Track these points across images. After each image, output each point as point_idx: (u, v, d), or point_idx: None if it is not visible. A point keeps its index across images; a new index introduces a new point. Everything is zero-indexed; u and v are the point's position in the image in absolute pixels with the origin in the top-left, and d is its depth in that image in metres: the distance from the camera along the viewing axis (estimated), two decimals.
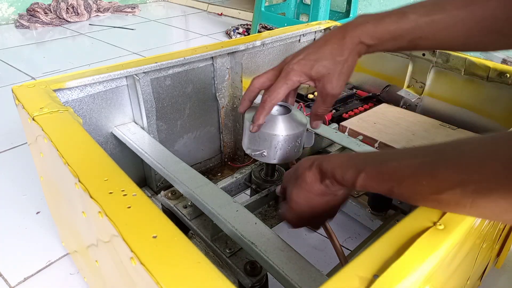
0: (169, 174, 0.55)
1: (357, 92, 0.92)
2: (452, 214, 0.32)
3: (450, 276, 0.37)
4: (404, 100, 0.86)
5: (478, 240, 0.41)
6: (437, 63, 0.78)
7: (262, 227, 0.45)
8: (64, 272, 0.67)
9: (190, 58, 0.68)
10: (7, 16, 2.17)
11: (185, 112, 0.75)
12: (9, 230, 0.75)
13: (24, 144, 1.03)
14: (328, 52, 0.45)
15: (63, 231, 0.65)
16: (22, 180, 0.89)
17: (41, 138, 0.45)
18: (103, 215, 0.32)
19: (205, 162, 0.84)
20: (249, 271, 0.45)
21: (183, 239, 0.29)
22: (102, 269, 0.43)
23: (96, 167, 0.38)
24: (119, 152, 0.70)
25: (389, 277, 0.26)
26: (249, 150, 0.54)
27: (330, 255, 0.47)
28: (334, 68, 0.46)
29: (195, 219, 0.54)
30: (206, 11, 2.57)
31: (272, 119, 0.51)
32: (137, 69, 0.63)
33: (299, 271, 0.40)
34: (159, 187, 0.75)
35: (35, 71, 1.52)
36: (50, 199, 0.63)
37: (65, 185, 0.43)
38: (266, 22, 1.75)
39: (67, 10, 2.20)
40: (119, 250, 0.31)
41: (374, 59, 0.89)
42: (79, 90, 0.60)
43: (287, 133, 0.51)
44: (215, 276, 0.26)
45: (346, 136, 0.68)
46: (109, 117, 0.66)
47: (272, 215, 0.57)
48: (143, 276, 0.27)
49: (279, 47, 0.86)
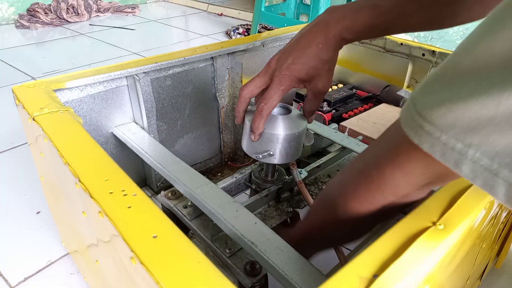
0: (169, 174, 0.55)
1: (357, 92, 0.92)
2: (452, 214, 0.32)
3: (450, 276, 0.37)
4: (404, 100, 0.86)
5: (478, 240, 0.41)
6: (436, 63, 0.78)
7: (262, 227, 0.45)
8: (64, 272, 0.67)
9: (190, 58, 0.68)
10: (7, 16, 2.17)
11: (185, 112, 0.75)
12: (9, 230, 0.75)
13: (24, 144, 1.03)
14: (314, 53, 0.46)
15: (63, 231, 0.65)
16: (22, 180, 0.89)
17: (41, 138, 0.45)
18: (103, 215, 0.32)
19: (205, 162, 0.84)
20: (249, 271, 0.45)
21: (183, 239, 0.29)
22: (102, 269, 0.43)
23: (96, 167, 0.38)
24: (119, 152, 0.70)
25: (389, 277, 0.26)
26: (252, 153, 0.54)
27: (330, 255, 0.47)
28: (323, 67, 0.47)
29: (195, 219, 0.54)
30: (206, 11, 2.58)
31: (273, 120, 0.51)
32: (137, 69, 0.63)
33: (299, 271, 0.40)
34: (159, 187, 0.75)
35: (36, 71, 1.52)
36: (50, 199, 0.63)
37: (65, 185, 0.43)
38: (266, 22, 1.75)
39: (67, 10, 2.20)
40: (119, 250, 0.31)
41: (374, 59, 0.89)
42: (79, 90, 0.60)
43: (288, 132, 0.51)
44: (215, 276, 0.26)
45: (346, 136, 0.69)
46: (109, 117, 0.66)
47: (272, 215, 0.57)
48: (143, 276, 0.27)
49: (279, 47, 0.86)
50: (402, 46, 0.83)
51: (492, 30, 0.20)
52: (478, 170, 0.21)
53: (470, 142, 0.21)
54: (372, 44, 0.88)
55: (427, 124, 0.23)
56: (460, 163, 0.22)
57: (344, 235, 0.40)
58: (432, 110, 0.23)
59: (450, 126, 0.22)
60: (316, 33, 0.46)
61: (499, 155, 0.20)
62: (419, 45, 0.80)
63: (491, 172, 0.21)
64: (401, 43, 0.83)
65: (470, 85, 0.21)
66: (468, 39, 0.22)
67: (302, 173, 0.60)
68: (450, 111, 0.22)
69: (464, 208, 0.33)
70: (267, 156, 0.53)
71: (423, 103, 0.24)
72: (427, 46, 0.80)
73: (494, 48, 0.20)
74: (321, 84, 0.48)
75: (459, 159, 0.22)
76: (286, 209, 0.58)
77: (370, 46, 0.88)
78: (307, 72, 0.46)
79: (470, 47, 0.21)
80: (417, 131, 0.24)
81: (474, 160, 0.21)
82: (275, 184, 0.59)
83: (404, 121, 0.25)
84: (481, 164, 0.21)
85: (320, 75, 0.47)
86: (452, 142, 0.22)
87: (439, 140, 0.22)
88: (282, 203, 0.59)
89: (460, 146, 0.22)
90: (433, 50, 0.78)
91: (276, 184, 0.59)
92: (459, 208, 0.32)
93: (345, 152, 0.69)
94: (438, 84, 0.23)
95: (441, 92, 0.23)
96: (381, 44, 0.86)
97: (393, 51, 0.85)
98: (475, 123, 0.21)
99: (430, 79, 0.24)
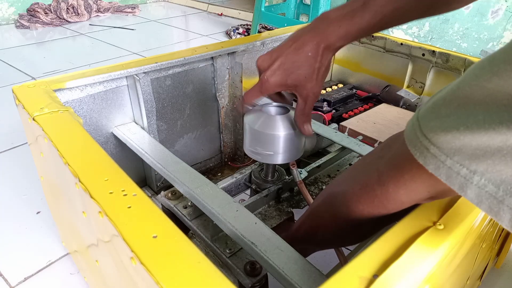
0: (169, 174, 0.55)
1: (357, 92, 0.93)
2: (452, 214, 0.32)
3: (450, 276, 0.37)
4: (403, 100, 0.86)
5: (478, 240, 0.41)
6: (436, 63, 0.78)
7: (262, 227, 0.45)
8: (64, 272, 0.67)
9: (190, 58, 0.68)
10: (8, 16, 2.17)
11: (185, 112, 0.75)
12: (9, 230, 0.75)
13: (24, 144, 1.03)
14: (303, 60, 0.45)
15: (63, 231, 0.65)
16: (22, 180, 0.89)
17: (41, 138, 0.45)
18: (103, 215, 0.32)
19: (205, 162, 0.84)
20: (249, 271, 0.45)
21: (183, 239, 0.29)
22: (102, 269, 0.43)
23: (96, 167, 0.38)
24: (119, 152, 0.70)
25: (389, 277, 0.26)
26: (249, 150, 0.54)
27: (330, 255, 0.47)
28: (311, 74, 0.46)
29: (195, 219, 0.54)
30: (206, 11, 2.58)
31: (271, 119, 0.51)
32: (137, 69, 0.63)
33: (299, 271, 0.40)
34: (159, 187, 0.75)
35: (36, 71, 1.52)
36: (50, 199, 0.63)
37: (65, 185, 0.43)
38: (266, 22, 1.75)
39: (67, 10, 2.20)
40: (119, 250, 0.31)
41: (374, 59, 0.89)
42: (80, 90, 0.60)
43: (287, 131, 0.51)
44: (215, 276, 0.26)
45: (346, 136, 0.69)
46: (109, 117, 0.66)
47: (272, 215, 0.57)
48: (143, 276, 0.27)
49: None
50: (402, 46, 0.83)
51: (506, 69, 0.21)
52: (484, 195, 0.22)
53: (475, 169, 0.22)
54: (372, 44, 0.88)
55: (433, 146, 0.23)
56: (465, 187, 0.22)
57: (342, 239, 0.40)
58: (438, 135, 0.23)
59: (455, 151, 0.22)
60: (308, 42, 0.45)
61: (504, 183, 0.21)
62: (419, 45, 0.80)
63: (497, 198, 0.21)
64: (401, 43, 0.83)
65: (478, 116, 0.21)
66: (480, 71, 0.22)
67: (302, 173, 0.60)
68: (456, 138, 0.22)
69: (464, 208, 0.33)
70: (267, 156, 0.53)
71: (429, 127, 0.24)
72: (427, 46, 0.80)
73: (507, 88, 0.20)
74: (309, 90, 0.47)
75: (464, 183, 0.22)
76: (286, 209, 0.58)
77: (370, 46, 0.88)
78: (293, 78, 0.46)
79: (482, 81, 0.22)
80: (422, 152, 0.24)
81: (479, 186, 0.22)
82: (275, 184, 0.59)
83: (409, 141, 0.25)
84: (487, 190, 0.22)
85: (307, 82, 0.46)
86: (457, 167, 0.22)
87: (445, 163, 0.23)
88: (282, 203, 0.59)
89: (465, 171, 0.22)
90: (433, 50, 0.78)
91: (276, 184, 0.59)
92: (459, 208, 0.32)
93: (345, 152, 0.69)
94: (445, 109, 0.23)
95: (448, 118, 0.23)
96: (381, 44, 0.86)
97: (393, 51, 0.85)
98: (481, 152, 0.21)
99: (436, 103, 0.24)
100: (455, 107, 0.23)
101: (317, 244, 0.44)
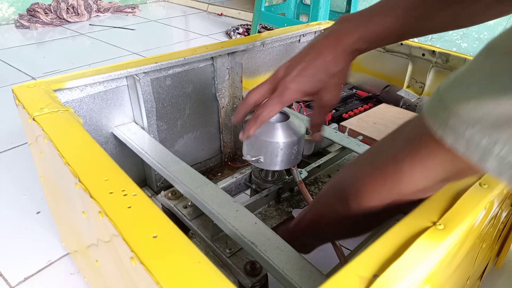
0: (169, 174, 0.55)
1: (357, 92, 0.93)
2: (452, 214, 0.32)
3: (450, 276, 0.37)
4: (403, 100, 0.86)
5: (478, 240, 0.41)
6: (436, 63, 0.78)
7: (262, 227, 0.45)
8: (64, 272, 0.67)
9: (190, 58, 0.68)
10: (8, 16, 2.17)
11: (185, 112, 0.75)
12: (9, 230, 0.75)
13: (24, 144, 1.03)
14: (322, 65, 0.44)
15: (63, 231, 0.65)
16: (22, 180, 0.89)
17: (41, 138, 0.45)
18: (103, 215, 0.32)
19: (205, 162, 0.84)
20: (249, 271, 0.45)
21: (183, 239, 0.29)
22: (102, 269, 0.43)
23: (96, 167, 0.38)
24: (119, 152, 0.70)
25: (389, 277, 0.26)
26: (248, 156, 0.54)
27: (330, 255, 0.47)
28: (330, 80, 0.44)
29: (195, 219, 0.54)
30: (206, 11, 2.58)
31: (270, 126, 0.51)
32: (137, 69, 0.63)
33: (299, 271, 0.40)
34: (159, 187, 0.75)
35: (36, 71, 1.52)
36: (50, 199, 0.63)
37: (65, 185, 0.43)
38: (266, 22, 1.75)
39: (67, 10, 2.20)
40: (119, 250, 0.31)
41: (374, 59, 0.89)
42: (80, 90, 0.60)
43: (284, 140, 0.51)
44: (215, 276, 0.26)
45: (346, 136, 0.69)
46: (109, 117, 0.66)
47: (272, 215, 0.57)
48: (143, 276, 0.27)
49: (279, 47, 0.86)
50: (402, 46, 0.83)
51: None
52: (505, 165, 0.22)
53: (498, 138, 0.21)
54: None
55: (453, 117, 0.23)
56: (485, 158, 0.22)
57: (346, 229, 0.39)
58: (460, 103, 0.23)
59: (477, 120, 0.22)
60: (326, 45, 0.44)
61: None
62: (419, 45, 0.80)
63: None
64: (401, 43, 0.83)
65: (505, 82, 0.21)
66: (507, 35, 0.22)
67: (302, 173, 0.60)
68: (480, 106, 0.22)
69: (464, 208, 0.33)
70: (255, 161, 0.53)
71: (451, 96, 0.24)
72: (427, 46, 0.80)
73: None
74: (327, 98, 0.46)
75: (484, 154, 0.22)
76: (286, 209, 0.58)
77: None
78: (313, 85, 0.44)
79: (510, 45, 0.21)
80: (441, 125, 0.24)
81: (500, 156, 0.21)
82: (275, 184, 0.59)
83: (428, 114, 0.25)
84: (508, 161, 0.21)
85: (327, 88, 0.45)
86: (477, 137, 0.22)
87: (464, 135, 0.23)
88: (282, 203, 0.59)
89: (486, 141, 0.22)
90: (433, 50, 0.78)
91: (276, 184, 0.59)
92: (459, 208, 0.32)
93: (345, 152, 0.69)
94: (470, 78, 0.23)
95: (472, 86, 0.23)
96: None
97: (393, 51, 0.85)
98: (504, 119, 0.21)
99: (460, 74, 0.24)
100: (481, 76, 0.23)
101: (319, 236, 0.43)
